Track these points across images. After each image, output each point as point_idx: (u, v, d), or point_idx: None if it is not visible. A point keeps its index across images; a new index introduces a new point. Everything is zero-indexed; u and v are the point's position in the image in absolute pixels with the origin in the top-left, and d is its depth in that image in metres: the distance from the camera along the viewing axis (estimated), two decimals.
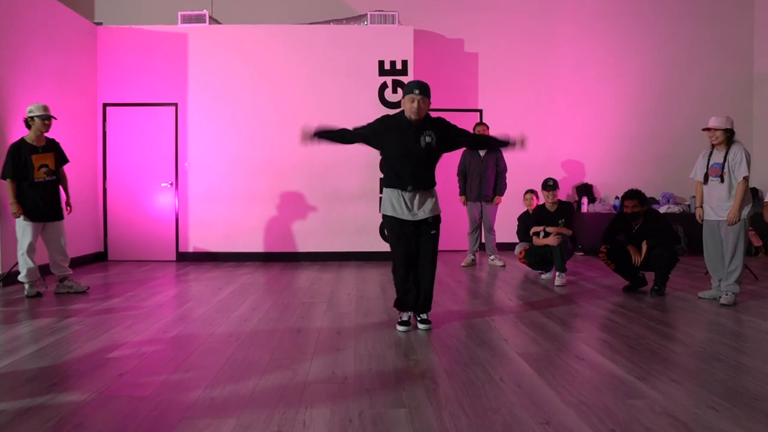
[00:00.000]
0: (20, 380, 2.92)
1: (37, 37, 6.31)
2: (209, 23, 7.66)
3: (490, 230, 7.13)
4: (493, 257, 7.15)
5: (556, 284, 5.69)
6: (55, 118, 5.28)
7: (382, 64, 7.67)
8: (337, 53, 7.68)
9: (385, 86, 7.66)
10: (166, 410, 2.51)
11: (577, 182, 8.90)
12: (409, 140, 3.76)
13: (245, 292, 5.40)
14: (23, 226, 5.11)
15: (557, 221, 5.94)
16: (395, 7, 8.07)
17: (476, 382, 2.85)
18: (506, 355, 3.33)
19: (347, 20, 7.98)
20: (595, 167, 8.91)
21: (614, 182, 8.78)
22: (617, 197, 8.43)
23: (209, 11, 7.79)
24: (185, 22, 7.63)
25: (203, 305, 4.79)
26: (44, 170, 5.18)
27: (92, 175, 7.52)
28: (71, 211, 5.45)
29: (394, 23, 7.71)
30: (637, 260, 5.20)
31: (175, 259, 7.66)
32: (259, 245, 7.67)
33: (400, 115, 3.83)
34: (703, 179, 4.93)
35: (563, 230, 5.85)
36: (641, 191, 5.28)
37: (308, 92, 7.67)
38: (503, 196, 7.10)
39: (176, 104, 7.62)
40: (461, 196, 7.12)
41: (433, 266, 3.92)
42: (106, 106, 7.62)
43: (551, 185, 6.00)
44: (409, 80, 7.58)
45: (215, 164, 7.63)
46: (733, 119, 4.86)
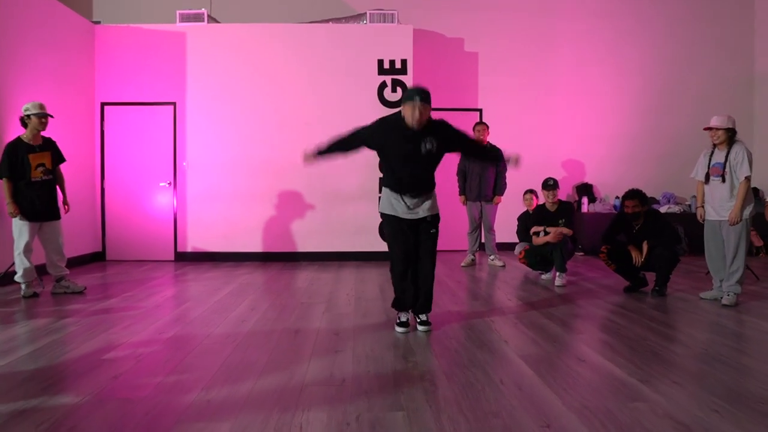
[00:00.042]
0: (15, 382, 2.88)
1: (34, 35, 6.27)
2: (208, 22, 7.62)
3: (489, 230, 7.10)
4: (492, 257, 7.12)
5: (556, 284, 5.65)
6: (51, 116, 5.24)
7: (381, 63, 7.63)
8: (336, 52, 7.64)
9: (384, 85, 7.62)
10: (161, 413, 2.48)
11: (577, 182, 8.87)
12: (409, 146, 3.66)
13: (243, 292, 5.37)
14: (20, 225, 5.07)
15: (557, 221, 5.90)
16: (395, 6, 8.03)
17: (476, 384, 2.82)
18: (506, 356, 3.29)
19: (346, 19, 7.95)
20: (595, 167, 8.87)
21: (614, 182, 8.74)
22: (617, 197, 8.39)
23: (208, 10, 7.75)
24: (184, 20, 7.59)
25: (201, 305, 4.76)
26: (41, 169, 5.14)
27: (90, 174, 7.48)
28: (68, 210, 5.42)
29: (393, 22, 7.67)
30: (637, 261, 5.17)
31: (173, 259, 7.62)
32: (258, 245, 7.63)
33: (399, 117, 3.68)
34: (704, 179, 4.89)
35: (564, 230, 5.82)
36: (642, 191, 5.24)
37: (307, 91, 7.63)
38: (503, 195, 7.07)
39: (174, 103, 7.58)
40: (461, 195, 7.09)
41: (432, 265, 3.86)
42: (104, 105, 7.58)
43: (551, 185, 5.96)
44: (408, 79, 7.60)
45: (214, 164, 7.59)
46: (735, 118, 4.82)
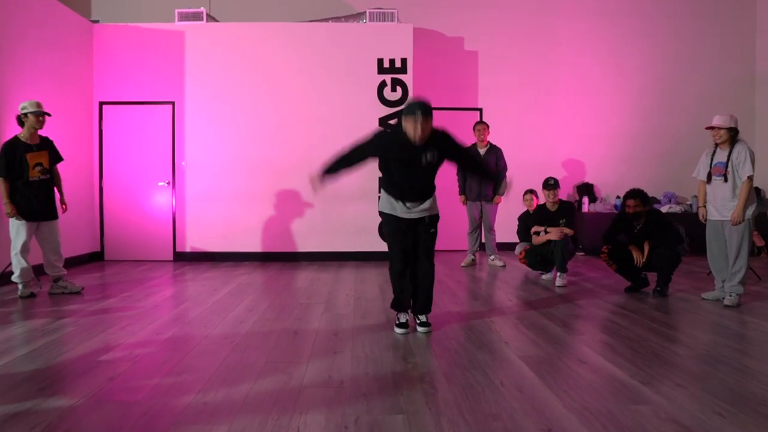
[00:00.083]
0: (10, 383, 2.85)
1: (32, 34, 6.24)
2: (207, 21, 7.58)
3: (490, 230, 7.06)
4: (493, 257, 7.08)
5: (557, 285, 5.62)
6: (49, 114, 5.20)
7: (381, 62, 7.59)
8: (336, 51, 7.60)
9: (384, 84, 7.59)
10: (157, 416, 2.44)
11: (577, 181, 8.83)
12: (410, 158, 3.63)
13: (242, 292, 5.33)
14: (17, 225, 5.03)
15: (558, 221, 5.87)
16: (394, 4, 7.99)
17: (476, 386, 2.78)
18: (507, 358, 3.26)
19: (346, 18, 7.92)
20: (595, 166, 8.83)
21: (615, 181, 8.71)
22: (618, 197, 8.36)
23: (207, 9, 7.71)
24: (182, 19, 7.56)
25: (199, 306, 4.73)
26: (39, 169, 5.10)
27: (88, 173, 7.45)
28: (66, 209, 5.38)
29: (393, 21, 7.64)
30: (639, 261, 5.13)
31: (172, 259, 7.59)
32: (257, 245, 7.60)
33: (399, 130, 3.61)
34: (706, 178, 4.86)
35: (565, 230, 5.78)
36: (643, 191, 5.21)
37: (307, 91, 7.60)
38: (503, 195, 7.04)
39: (173, 102, 7.55)
40: (461, 195, 7.05)
41: (431, 265, 3.84)
42: (102, 104, 7.55)
43: (552, 184, 5.93)
44: (408, 78, 7.56)
45: (213, 163, 7.56)
46: (737, 118, 4.79)
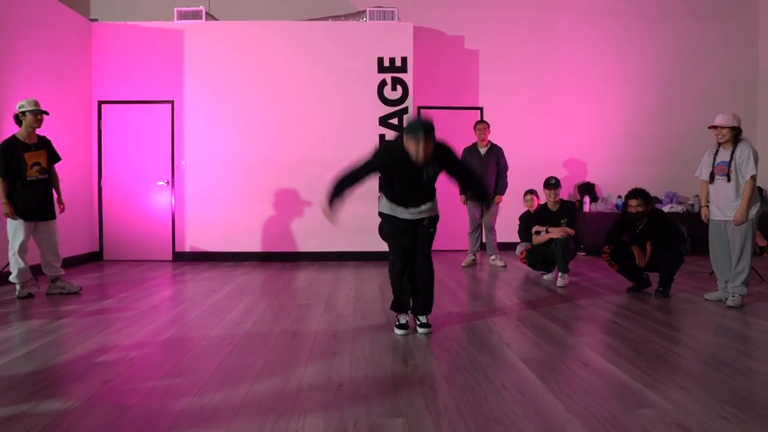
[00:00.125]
0: (5, 385, 2.81)
1: (30, 33, 6.20)
2: (206, 19, 7.54)
3: (491, 230, 7.02)
4: (493, 257, 7.04)
5: (558, 285, 5.58)
6: (47, 113, 5.16)
7: (381, 61, 7.55)
8: (335, 50, 7.56)
9: (384, 83, 7.54)
10: (152, 419, 2.41)
11: (578, 181, 8.78)
12: (412, 174, 3.63)
13: (241, 293, 5.29)
14: (15, 225, 5.00)
15: (559, 221, 5.82)
16: (395, 3, 7.95)
17: (477, 389, 2.74)
18: (508, 360, 3.22)
19: (346, 16, 7.87)
20: (597, 166, 8.79)
21: (617, 181, 8.66)
22: (620, 196, 8.33)
23: (206, 7, 7.67)
24: (181, 18, 7.52)
25: (197, 307, 4.69)
26: (37, 168, 5.06)
27: (87, 173, 7.41)
28: (63, 210, 5.34)
29: (393, 20, 7.59)
30: (641, 261, 5.09)
31: (171, 259, 7.55)
32: (256, 245, 7.56)
33: (401, 146, 3.54)
34: (709, 178, 4.81)
35: (567, 230, 5.73)
36: (645, 190, 5.15)
37: (307, 90, 7.56)
38: (504, 195, 7.00)
39: (172, 102, 7.51)
40: (461, 195, 7.00)
41: (429, 264, 3.84)
42: (101, 103, 7.51)
43: (553, 184, 5.89)
44: (408, 77, 7.51)
45: (212, 162, 7.52)
46: (740, 117, 4.74)
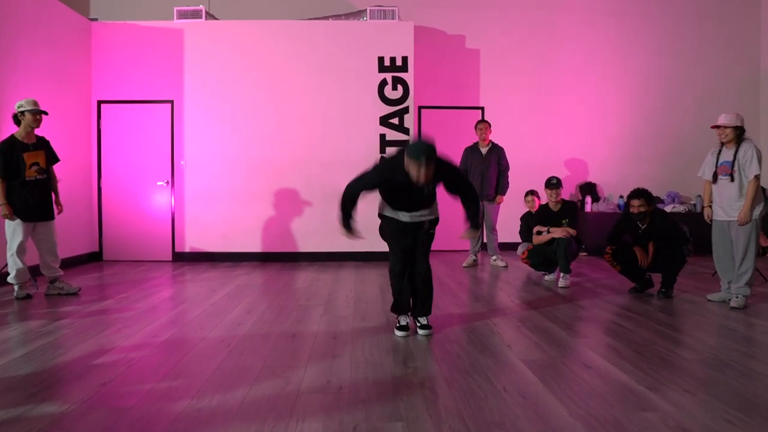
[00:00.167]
0: (3, 388, 2.78)
1: (29, 33, 6.17)
2: (206, 19, 7.51)
3: (492, 230, 6.99)
4: (495, 258, 7.01)
5: (560, 285, 5.54)
6: (46, 113, 5.14)
7: (381, 60, 7.51)
8: (336, 49, 7.53)
9: (385, 83, 7.51)
10: (149, 423, 2.37)
11: (580, 181, 8.74)
12: (411, 189, 3.61)
13: (241, 293, 5.26)
14: (13, 226, 4.96)
15: (561, 221, 5.79)
16: (395, 2, 7.91)
17: (478, 392, 2.71)
18: (509, 362, 3.18)
19: (346, 16, 7.84)
20: (598, 166, 8.74)
21: (618, 181, 8.62)
22: (621, 196, 8.29)
23: (206, 6, 7.64)
24: (181, 17, 7.49)
25: (197, 308, 4.66)
26: (35, 168, 5.04)
27: (87, 173, 7.38)
28: (61, 211, 5.30)
29: (394, 19, 7.56)
30: (643, 262, 5.05)
31: (171, 259, 7.52)
32: (256, 245, 7.53)
33: (401, 164, 3.49)
34: (712, 178, 4.77)
35: (569, 230, 5.70)
36: (648, 190, 5.11)
37: (307, 89, 7.52)
38: (505, 195, 6.96)
39: (172, 101, 7.48)
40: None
41: (428, 266, 3.84)
42: (100, 103, 7.48)
43: (555, 183, 5.85)
44: (409, 77, 7.47)
45: (212, 162, 7.49)
46: (743, 116, 4.71)
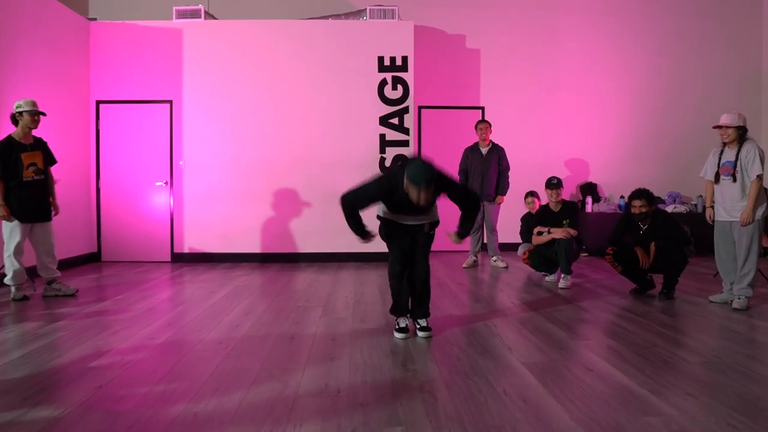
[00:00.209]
0: None
1: (27, 32, 6.13)
2: (205, 18, 7.47)
3: (492, 231, 6.95)
4: (495, 258, 6.97)
5: (560, 286, 5.51)
6: (44, 114, 5.10)
7: (381, 60, 7.48)
8: (335, 49, 7.49)
9: (384, 83, 7.47)
10: (145, 427, 2.34)
11: (581, 181, 8.70)
12: (411, 205, 3.58)
13: (239, 295, 5.23)
14: (11, 227, 4.93)
15: (561, 222, 5.75)
16: (395, 2, 7.87)
17: (478, 395, 2.67)
18: (510, 365, 3.15)
19: (346, 15, 7.80)
20: (599, 166, 8.71)
21: (619, 181, 8.59)
22: (622, 196, 8.25)
23: (205, 6, 7.61)
24: (180, 17, 7.45)
25: (195, 309, 4.62)
26: (33, 169, 5.00)
27: (85, 173, 7.35)
28: (57, 213, 5.25)
29: (394, 18, 7.52)
30: (645, 263, 5.01)
31: (170, 260, 7.48)
32: (256, 246, 7.49)
33: (400, 182, 3.48)
34: (714, 178, 4.74)
35: (569, 231, 5.66)
36: (649, 190, 5.08)
37: (306, 89, 7.49)
38: (505, 195, 6.92)
39: (171, 101, 7.44)
40: None
41: (427, 267, 3.81)
42: (99, 103, 7.44)
43: (555, 183, 5.81)
44: (409, 77, 7.43)
45: (211, 163, 7.45)
46: (745, 116, 4.67)
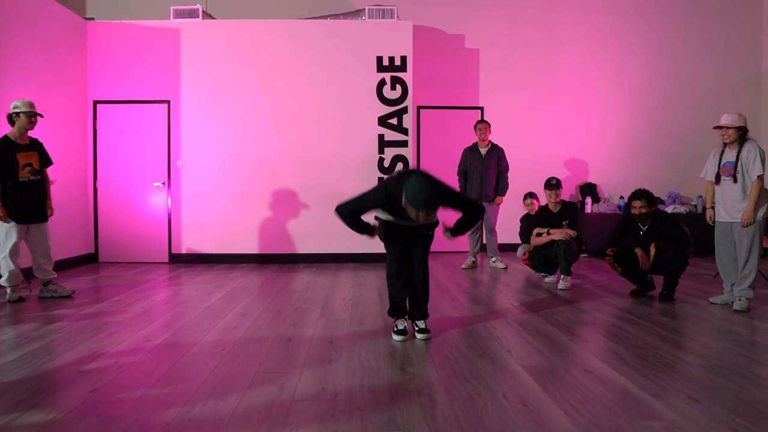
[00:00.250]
0: None
1: (24, 32, 6.10)
2: (203, 18, 7.44)
3: (491, 231, 6.91)
4: (494, 259, 6.93)
5: (559, 288, 5.47)
6: (41, 115, 5.07)
7: (380, 60, 7.44)
8: (334, 49, 7.46)
9: (383, 83, 7.44)
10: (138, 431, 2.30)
11: (580, 182, 8.67)
12: (410, 221, 3.57)
13: (236, 296, 5.19)
14: (7, 228, 4.89)
15: (561, 222, 5.72)
16: (394, 1, 7.84)
17: (477, 399, 2.63)
18: (510, 368, 3.11)
19: (345, 15, 7.77)
20: (599, 166, 8.68)
21: (618, 181, 8.56)
22: (622, 197, 8.23)
23: (203, 6, 7.57)
24: (178, 17, 7.41)
25: (192, 311, 4.58)
26: (29, 169, 4.96)
27: (82, 174, 7.31)
28: (52, 214, 5.20)
29: (392, 18, 7.49)
30: (645, 264, 4.97)
31: (167, 260, 7.44)
32: (253, 246, 7.45)
33: (399, 199, 3.42)
34: (714, 179, 4.71)
35: (569, 231, 5.63)
36: (649, 191, 5.05)
37: (305, 89, 7.45)
38: (505, 196, 6.89)
39: (168, 101, 7.40)
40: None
41: (426, 268, 3.78)
42: (96, 103, 7.40)
43: (554, 184, 5.78)
44: (408, 77, 7.40)
45: (209, 163, 7.41)
46: (746, 116, 4.64)
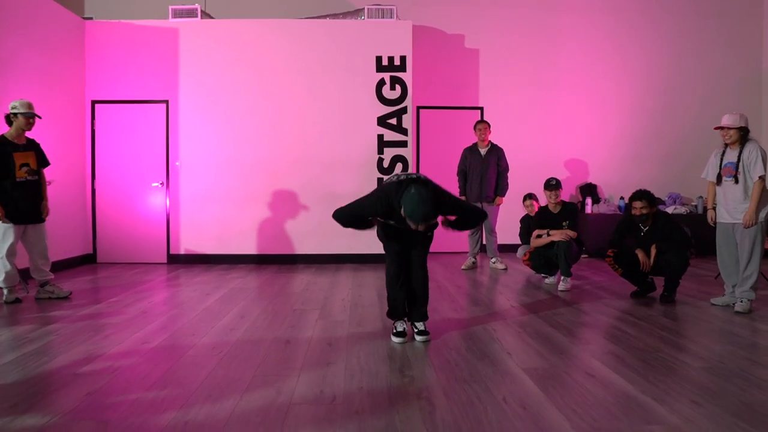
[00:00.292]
0: None
1: (22, 32, 6.06)
2: (201, 17, 7.40)
3: (491, 232, 6.88)
4: (494, 260, 6.90)
5: (560, 289, 5.44)
6: (39, 117, 5.04)
7: (379, 60, 7.41)
8: (333, 49, 7.42)
9: (383, 83, 7.40)
10: None
11: (580, 182, 8.64)
12: (409, 229, 3.53)
13: (235, 297, 5.15)
14: (4, 228, 4.85)
15: (561, 223, 5.68)
16: (393, 1, 7.81)
17: (477, 403, 2.60)
18: (510, 370, 3.08)
19: (344, 15, 7.74)
20: (599, 167, 8.65)
21: (619, 182, 8.53)
22: (622, 197, 8.20)
23: (201, 5, 7.54)
24: (176, 16, 7.38)
25: (189, 312, 4.55)
26: (26, 169, 4.93)
27: (80, 174, 7.27)
28: (47, 214, 5.15)
29: (392, 18, 7.46)
30: (645, 265, 4.94)
31: (166, 261, 7.41)
32: (252, 247, 7.42)
33: (397, 207, 3.41)
34: (716, 180, 4.68)
35: (569, 233, 5.59)
36: (650, 191, 5.02)
37: (304, 89, 7.42)
38: (505, 196, 6.86)
39: (167, 101, 7.37)
40: (461, 196, 6.86)
41: (425, 269, 3.76)
42: (94, 103, 7.37)
43: (554, 185, 5.75)
44: (407, 77, 7.36)
45: (207, 163, 7.38)
46: (747, 116, 4.61)
